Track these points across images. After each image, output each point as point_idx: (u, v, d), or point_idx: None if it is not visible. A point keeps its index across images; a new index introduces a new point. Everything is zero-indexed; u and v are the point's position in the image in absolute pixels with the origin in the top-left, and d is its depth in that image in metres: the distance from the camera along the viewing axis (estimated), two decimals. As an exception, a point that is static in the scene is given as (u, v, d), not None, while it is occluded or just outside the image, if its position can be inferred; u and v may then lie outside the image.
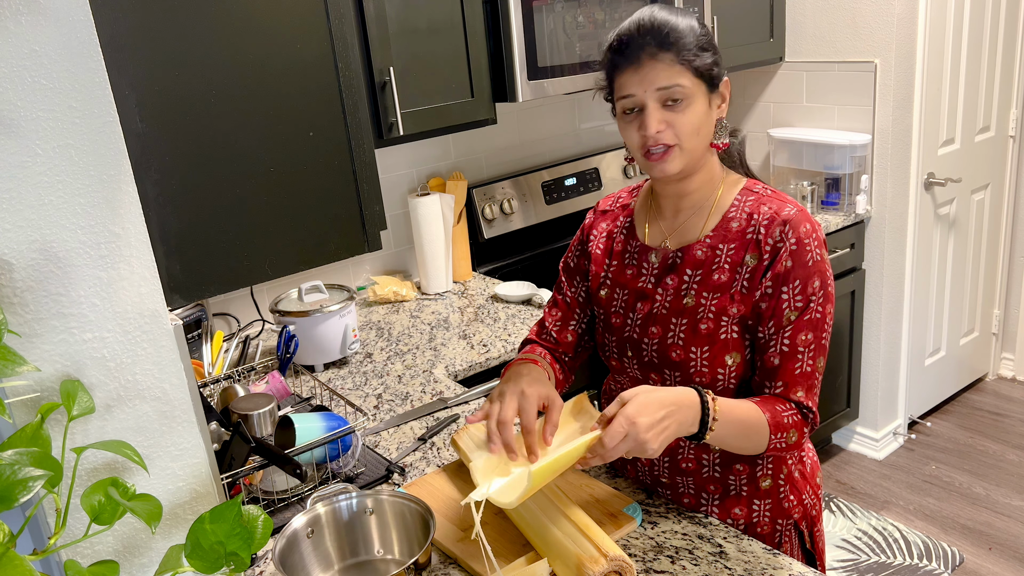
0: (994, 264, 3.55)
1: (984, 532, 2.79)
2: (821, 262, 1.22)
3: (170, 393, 0.98)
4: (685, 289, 1.28)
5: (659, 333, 1.30)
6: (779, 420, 1.21)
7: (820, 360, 1.24)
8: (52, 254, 0.87)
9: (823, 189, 2.99)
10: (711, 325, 1.25)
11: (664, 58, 1.17)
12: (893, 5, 2.75)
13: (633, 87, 1.19)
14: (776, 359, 1.23)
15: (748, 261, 1.24)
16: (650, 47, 1.18)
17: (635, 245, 1.36)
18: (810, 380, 1.23)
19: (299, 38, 1.49)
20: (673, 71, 1.17)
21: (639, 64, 1.18)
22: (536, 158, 2.92)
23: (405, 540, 1.27)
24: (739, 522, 1.36)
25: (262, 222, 1.51)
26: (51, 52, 0.85)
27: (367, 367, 2.06)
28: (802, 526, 1.40)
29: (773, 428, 1.21)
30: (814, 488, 1.41)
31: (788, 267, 1.21)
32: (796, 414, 1.23)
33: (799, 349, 1.22)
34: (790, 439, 1.22)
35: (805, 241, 1.21)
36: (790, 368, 1.22)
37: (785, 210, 1.23)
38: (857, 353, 3.17)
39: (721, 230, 1.27)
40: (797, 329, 1.21)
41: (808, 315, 1.21)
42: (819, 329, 1.22)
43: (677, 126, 1.20)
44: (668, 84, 1.18)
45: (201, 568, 0.80)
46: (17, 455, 0.73)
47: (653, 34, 1.18)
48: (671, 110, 1.19)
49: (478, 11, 2.14)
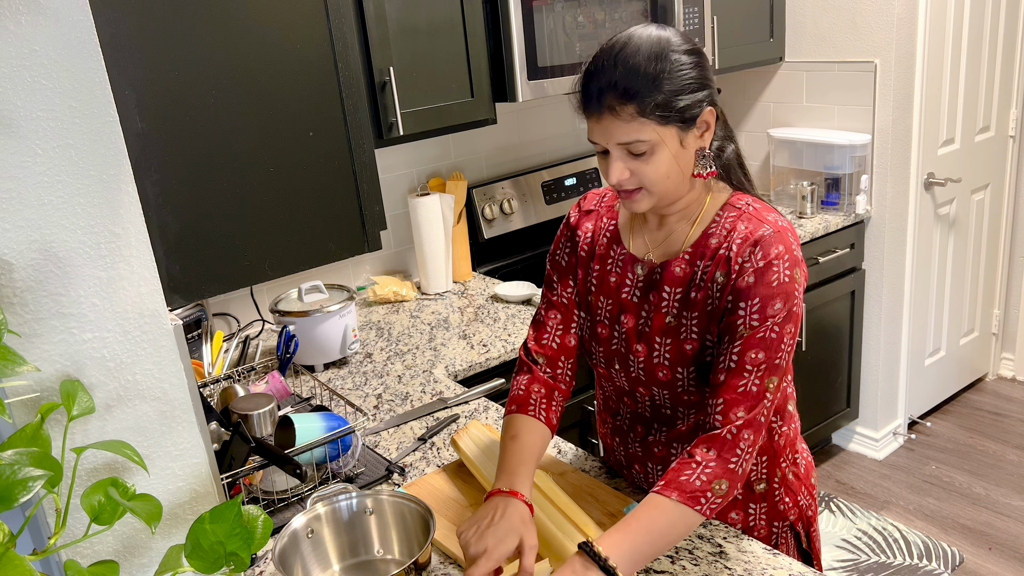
0: (994, 264, 3.55)
1: (984, 532, 2.79)
2: (789, 283, 1.15)
3: (170, 393, 0.98)
4: (666, 307, 1.24)
5: (644, 352, 1.27)
6: (690, 489, 1.11)
7: (771, 381, 1.15)
8: (52, 254, 0.87)
9: (823, 189, 2.99)
10: (696, 346, 1.22)
11: (624, 113, 1.10)
12: (893, 5, 2.75)
13: (596, 135, 1.15)
14: (722, 375, 1.16)
15: (718, 278, 1.19)
16: (611, 97, 1.10)
17: (620, 252, 1.31)
18: (754, 400, 1.14)
19: (299, 38, 1.49)
20: (633, 126, 1.11)
21: (600, 116, 1.13)
22: (536, 158, 2.92)
23: (405, 540, 1.27)
24: (735, 526, 1.35)
25: (262, 222, 1.51)
26: (51, 52, 0.85)
27: (367, 367, 2.06)
28: (798, 527, 1.39)
29: (689, 501, 1.11)
30: (809, 489, 1.40)
31: (750, 283, 1.15)
32: (707, 465, 1.12)
33: (746, 368, 1.14)
34: (719, 491, 1.12)
35: (774, 262, 1.14)
36: (733, 385, 1.14)
37: (760, 230, 1.17)
38: (857, 353, 3.17)
39: (700, 247, 1.22)
40: (747, 346, 1.14)
41: (762, 333, 1.14)
42: (773, 349, 1.14)
43: (642, 174, 1.15)
44: (628, 140, 1.12)
45: (201, 568, 0.80)
46: (17, 455, 0.73)
47: (614, 83, 1.10)
48: (635, 159, 1.14)
49: (478, 11, 2.14)
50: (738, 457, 1.13)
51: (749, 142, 3.33)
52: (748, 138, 3.32)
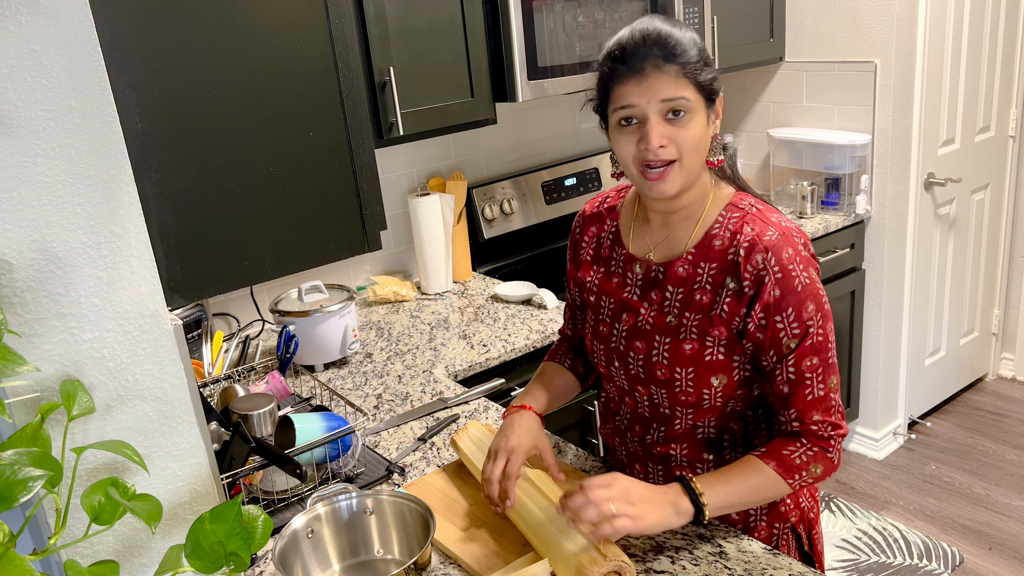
0: (994, 264, 3.55)
1: (984, 532, 2.79)
2: (811, 284, 1.18)
3: (170, 393, 0.98)
4: (668, 306, 1.26)
5: (644, 349, 1.28)
6: (789, 464, 1.20)
7: (832, 379, 1.21)
8: (52, 254, 0.87)
9: (823, 189, 2.99)
10: (695, 346, 1.23)
11: (669, 69, 1.14)
12: (893, 5, 2.76)
13: (635, 97, 1.15)
14: (785, 387, 1.21)
15: (729, 284, 1.20)
16: (654, 57, 1.14)
17: (621, 253, 1.34)
18: (825, 403, 1.21)
19: (299, 38, 1.49)
20: (678, 83, 1.14)
21: (643, 74, 1.14)
22: (536, 158, 2.93)
23: (405, 540, 1.27)
24: (736, 526, 1.35)
25: (262, 222, 1.51)
26: (51, 52, 0.85)
27: (367, 367, 2.06)
28: (799, 529, 1.39)
29: (785, 474, 1.19)
30: (811, 491, 1.40)
31: (777, 296, 1.17)
32: (810, 448, 1.20)
33: (806, 376, 1.20)
34: (814, 473, 1.20)
35: (789, 267, 1.17)
36: (801, 395, 1.20)
37: (767, 234, 1.19)
38: (857, 353, 3.17)
39: (704, 248, 1.24)
40: (801, 356, 1.19)
41: (809, 340, 1.19)
42: (823, 351, 1.20)
43: (679, 141, 1.16)
44: (673, 96, 1.14)
45: (201, 568, 0.80)
46: (17, 455, 0.73)
47: (659, 44, 1.14)
48: (673, 124, 1.16)
49: (478, 11, 2.14)
50: (832, 448, 1.21)
51: (749, 142, 3.33)
52: (748, 138, 3.32)
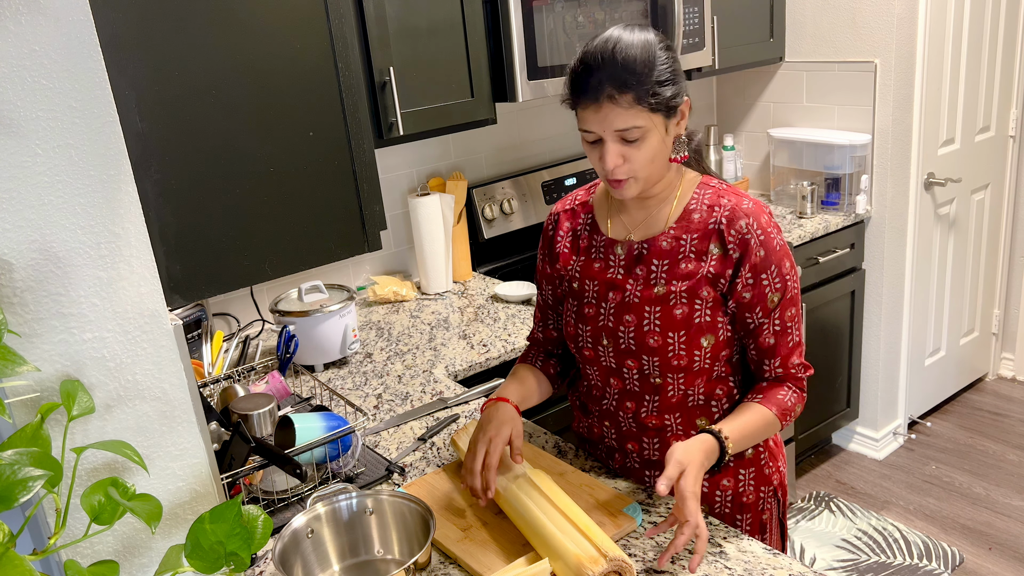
0: (994, 264, 3.55)
1: (984, 532, 2.79)
2: (784, 245, 1.34)
3: (170, 393, 0.98)
4: (655, 278, 1.35)
5: (635, 321, 1.35)
6: (785, 407, 1.35)
7: (801, 325, 1.39)
8: (52, 254, 0.88)
9: (823, 189, 2.99)
10: (686, 310, 1.33)
11: (622, 100, 1.21)
12: (893, 5, 2.75)
13: (592, 124, 1.25)
14: (771, 339, 1.35)
15: (712, 249, 1.32)
16: (611, 88, 1.21)
17: (600, 239, 1.42)
18: (800, 347, 1.38)
19: (299, 38, 1.49)
20: (630, 113, 1.22)
21: (598, 105, 1.22)
22: (536, 158, 2.92)
23: (405, 540, 1.27)
24: (727, 493, 1.43)
25: (262, 222, 1.51)
26: (51, 52, 0.85)
27: (367, 367, 2.06)
28: (779, 493, 1.49)
29: (782, 416, 1.35)
30: (784, 456, 1.52)
31: (762, 256, 1.30)
32: (794, 390, 1.37)
33: (787, 325, 1.35)
34: (797, 412, 1.38)
35: (769, 230, 1.31)
36: (784, 343, 1.35)
37: (744, 204, 1.32)
38: (857, 353, 3.17)
39: (684, 221, 1.34)
40: (784, 308, 1.34)
41: (790, 293, 1.34)
42: (797, 302, 1.36)
43: (634, 160, 1.26)
44: (625, 127, 1.23)
45: (201, 568, 0.80)
46: (17, 455, 0.73)
47: (613, 75, 1.21)
48: (628, 145, 1.25)
49: (478, 11, 2.14)
50: (804, 387, 1.39)
51: (749, 142, 3.33)
52: (748, 138, 3.32)
